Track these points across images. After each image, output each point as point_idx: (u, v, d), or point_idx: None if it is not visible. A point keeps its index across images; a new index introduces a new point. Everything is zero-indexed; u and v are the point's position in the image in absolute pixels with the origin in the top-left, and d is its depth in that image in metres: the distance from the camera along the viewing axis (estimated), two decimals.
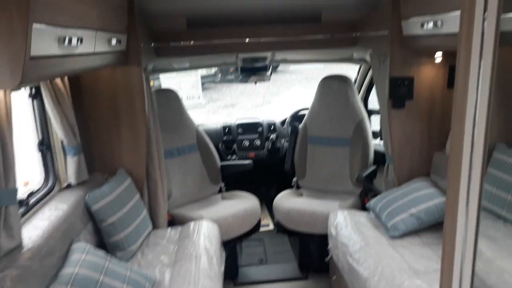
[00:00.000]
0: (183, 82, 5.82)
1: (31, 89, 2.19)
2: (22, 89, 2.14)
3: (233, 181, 3.57)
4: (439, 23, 1.99)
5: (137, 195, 2.52)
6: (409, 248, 2.28)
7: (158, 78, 5.08)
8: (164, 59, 3.11)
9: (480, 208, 0.97)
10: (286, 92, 11.08)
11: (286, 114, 4.32)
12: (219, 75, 10.94)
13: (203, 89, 10.28)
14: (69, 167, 2.32)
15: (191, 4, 2.78)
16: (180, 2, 2.76)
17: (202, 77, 9.94)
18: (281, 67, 12.68)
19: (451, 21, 1.89)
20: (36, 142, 2.26)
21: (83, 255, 1.81)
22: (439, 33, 2.02)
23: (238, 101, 10.65)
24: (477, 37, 0.92)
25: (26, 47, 1.22)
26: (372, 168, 3.11)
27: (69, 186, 2.36)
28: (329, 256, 2.69)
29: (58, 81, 2.17)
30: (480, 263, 1.99)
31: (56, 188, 2.30)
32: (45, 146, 2.29)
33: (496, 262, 1.88)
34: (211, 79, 11.21)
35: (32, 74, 1.31)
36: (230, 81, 11.32)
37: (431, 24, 2.05)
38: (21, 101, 2.19)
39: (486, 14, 0.91)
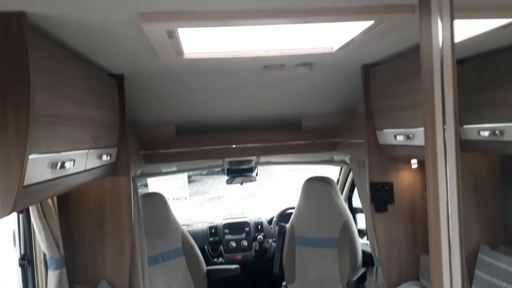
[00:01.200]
0: (170, 185, 5.92)
1: None
2: None
3: (220, 287, 3.44)
4: (411, 135, 2.16)
5: None
6: None
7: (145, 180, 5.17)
8: (153, 165, 3.20)
9: None
10: (272, 184, 11.19)
11: (273, 212, 4.35)
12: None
13: (190, 181, 10.35)
14: (50, 282, 2.23)
15: (180, 113, 2.96)
16: (170, 112, 2.95)
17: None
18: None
19: (421, 135, 2.05)
20: (18, 257, 2.20)
21: None
22: (411, 144, 2.18)
23: (224, 193, 10.66)
24: (440, 146, 1.03)
25: (20, 178, 1.26)
26: (362, 270, 3.08)
27: None
28: None
29: None
30: None
31: None
32: (26, 260, 2.22)
33: None
34: (198, 172, 11.34)
35: (23, 201, 1.34)
36: (217, 173, 11.46)
37: (403, 137, 2.21)
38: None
39: (445, 126, 1.03)
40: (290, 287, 3.35)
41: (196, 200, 9.90)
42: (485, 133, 1.88)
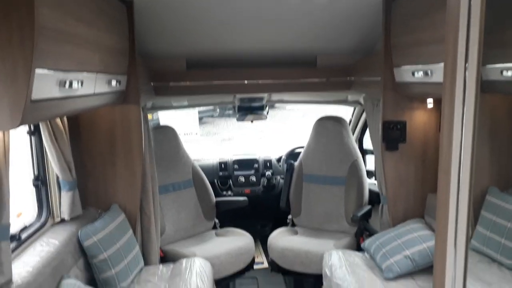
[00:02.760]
0: (181, 118, 5.92)
1: (30, 126, 2.23)
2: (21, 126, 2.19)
3: (227, 217, 3.56)
4: (429, 72, 2.07)
5: (130, 231, 2.51)
6: None
7: (156, 112, 5.18)
8: (163, 98, 3.19)
9: (467, 248, 1.00)
10: (283, 128, 11.19)
11: (282, 151, 4.37)
12: (218, 110, 11.09)
13: (201, 123, 10.38)
14: (63, 202, 2.33)
15: (191, 46, 2.88)
16: (181, 45, 2.87)
17: (201, 112, 10.06)
18: (278, 104, 12.84)
19: (439, 71, 1.97)
20: (32, 177, 2.28)
21: None
22: (429, 81, 2.10)
23: (235, 135, 10.73)
24: (460, 85, 0.98)
25: (28, 91, 1.27)
26: (367, 208, 3.12)
27: (62, 221, 2.35)
28: None
29: (57, 119, 2.22)
30: None
31: (49, 223, 2.29)
32: (40, 181, 2.30)
33: None
34: (209, 113, 11.34)
35: (31, 116, 1.35)
36: (228, 115, 11.46)
37: (421, 73, 2.12)
38: (18, 135, 2.22)
39: (467, 64, 0.97)
40: (295, 220, 3.44)
41: (206, 142, 10.00)
42: (509, 73, 1.78)
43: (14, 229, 1.98)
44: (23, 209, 2.29)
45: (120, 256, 2.30)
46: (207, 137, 10.30)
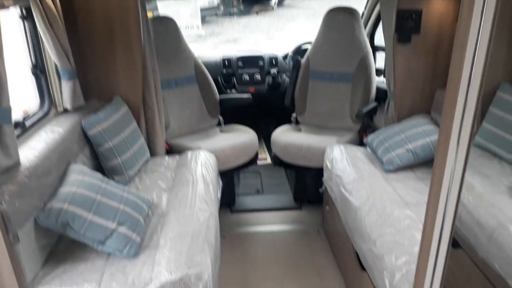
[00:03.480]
0: (181, 11, 5.54)
1: (21, 9, 2.10)
2: (13, 9, 2.06)
3: (231, 115, 3.55)
4: None
5: (134, 123, 2.52)
6: (402, 181, 2.31)
7: (156, 9, 4.86)
8: None
9: (471, 141, 0.97)
10: (291, 27, 10.67)
11: (289, 48, 4.19)
12: (222, 8, 10.48)
13: (205, 22, 9.88)
14: (64, 92, 2.30)
15: None
16: None
17: (204, 9, 9.49)
18: (288, 1, 12.10)
19: None
20: (30, 66, 2.22)
21: (80, 176, 1.85)
22: None
23: (240, 36, 10.32)
24: None
25: None
26: (373, 104, 3.08)
27: (65, 111, 2.35)
28: (323, 188, 2.75)
29: (48, 0, 2.07)
30: (470, 197, 2.04)
31: (52, 113, 2.29)
32: (39, 69, 2.25)
33: (486, 197, 1.92)
34: (213, 11, 10.72)
35: None
36: (233, 14, 10.87)
37: None
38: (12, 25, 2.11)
39: None
40: (299, 118, 3.44)
41: (210, 42, 9.64)
42: None
43: (17, 117, 1.99)
44: (28, 106, 2.28)
45: (125, 146, 2.34)
46: (210, 38, 9.92)
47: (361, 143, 3.02)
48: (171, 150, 2.92)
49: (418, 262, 1.18)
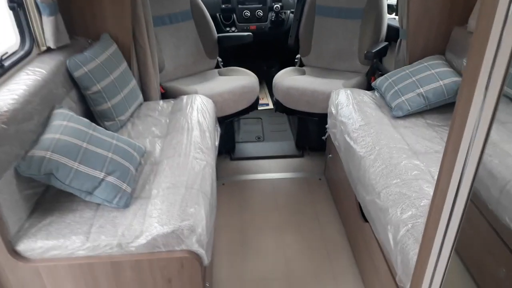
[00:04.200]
0: None
1: None
2: None
3: (231, 56, 3.33)
4: None
5: (124, 63, 2.34)
6: (411, 128, 2.17)
7: None
8: None
9: (501, 92, 0.81)
10: None
11: None
12: None
13: None
14: (46, 29, 2.09)
15: None
16: None
17: None
18: None
19: None
20: None
21: (65, 122, 1.71)
22: None
23: None
24: None
25: None
26: (383, 44, 2.84)
27: (49, 50, 2.16)
28: (326, 135, 2.62)
29: None
30: None
31: (35, 52, 2.10)
32: (16, 3, 2.02)
33: (501, 145, 1.78)
34: None
35: None
36: None
37: None
38: None
39: None
40: (304, 60, 3.22)
41: None
42: None
43: None
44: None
45: (115, 89, 2.18)
46: None
47: (369, 87, 2.84)
48: (166, 94, 2.76)
49: (428, 218, 1.06)
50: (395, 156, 1.87)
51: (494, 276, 1.32)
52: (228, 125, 3.02)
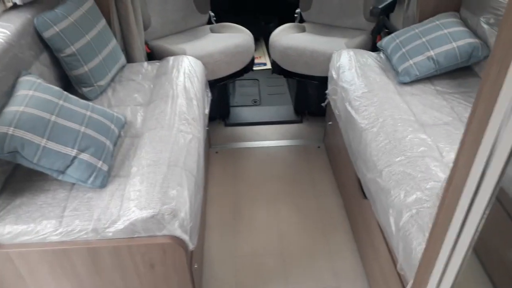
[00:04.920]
0: None
1: None
2: None
3: (225, 10, 3.05)
4: None
5: (103, 20, 2.10)
6: (419, 96, 1.98)
7: None
8: None
9: None
10: None
11: None
12: None
13: None
14: None
15: None
16: None
17: None
18: None
19: None
20: None
21: (31, 91, 1.52)
22: None
23: None
24: None
25: None
26: None
27: (15, 6, 1.92)
28: (326, 102, 2.42)
29: None
30: None
31: None
32: None
33: None
34: None
35: None
36: None
37: None
38: None
39: None
40: (304, 15, 2.94)
41: None
42: None
43: None
44: None
45: (92, 51, 1.97)
46: None
47: (374, 47, 2.60)
48: (152, 54, 2.53)
49: (441, 205, 0.89)
50: (400, 129, 1.69)
51: (509, 269, 1.18)
52: (222, 88, 2.81)
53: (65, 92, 1.63)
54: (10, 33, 1.68)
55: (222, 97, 2.86)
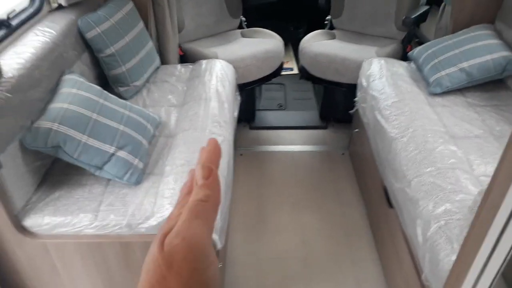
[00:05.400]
0: None
1: None
2: None
3: (256, 16, 3.09)
4: None
5: (141, 23, 2.18)
6: (450, 108, 1.97)
7: None
8: None
9: None
10: None
11: None
12: None
13: None
14: None
15: None
16: None
17: None
18: None
19: None
20: None
21: (75, 90, 1.60)
22: None
23: None
24: None
25: None
26: (424, 8, 2.55)
27: (60, 7, 2.01)
28: (354, 109, 2.43)
29: None
30: None
31: (45, 10, 1.96)
32: None
33: None
34: None
35: None
36: None
37: None
38: None
39: None
40: (335, 22, 2.96)
41: None
42: None
43: (1, 15, 1.69)
44: None
45: (130, 52, 2.04)
46: None
47: (404, 56, 2.59)
48: (185, 57, 2.60)
49: (476, 218, 0.88)
50: (431, 140, 1.69)
51: None
52: (249, 92, 2.85)
53: (105, 91, 1.71)
54: (56, 33, 1.77)
55: (249, 100, 2.90)
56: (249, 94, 2.87)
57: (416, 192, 1.51)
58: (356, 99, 2.36)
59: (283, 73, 2.99)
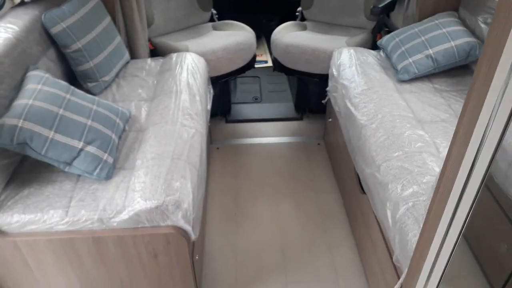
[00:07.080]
0: None
1: None
2: None
3: (228, 9, 3.09)
4: None
5: (108, 17, 2.14)
6: (417, 94, 2.02)
7: None
8: None
9: None
10: None
11: None
12: None
13: None
14: None
15: None
16: None
17: None
18: None
19: None
20: None
21: (40, 85, 1.57)
22: None
23: None
24: None
25: None
26: None
27: (22, 3, 1.96)
28: (326, 99, 2.46)
29: None
30: None
31: (7, 5, 1.91)
32: None
33: None
34: None
35: None
36: None
37: None
38: None
39: None
40: (306, 13, 2.98)
41: None
42: None
43: None
44: None
45: (98, 47, 2.01)
46: None
47: (374, 45, 2.64)
48: (155, 51, 2.57)
49: (435, 195, 0.93)
50: (399, 126, 1.73)
51: (497, 253, 1.22)
52: (223, 85, 2.85)
53: (72, 87, 1.68)
54: (19, 28, 1.72)
55: (224, 94, 2.90)
56: (224, 87, 2.86)
57: (385, 176, 1.55)
58: (327, 88, 2.39)
59: (257, 66, 3.00)
